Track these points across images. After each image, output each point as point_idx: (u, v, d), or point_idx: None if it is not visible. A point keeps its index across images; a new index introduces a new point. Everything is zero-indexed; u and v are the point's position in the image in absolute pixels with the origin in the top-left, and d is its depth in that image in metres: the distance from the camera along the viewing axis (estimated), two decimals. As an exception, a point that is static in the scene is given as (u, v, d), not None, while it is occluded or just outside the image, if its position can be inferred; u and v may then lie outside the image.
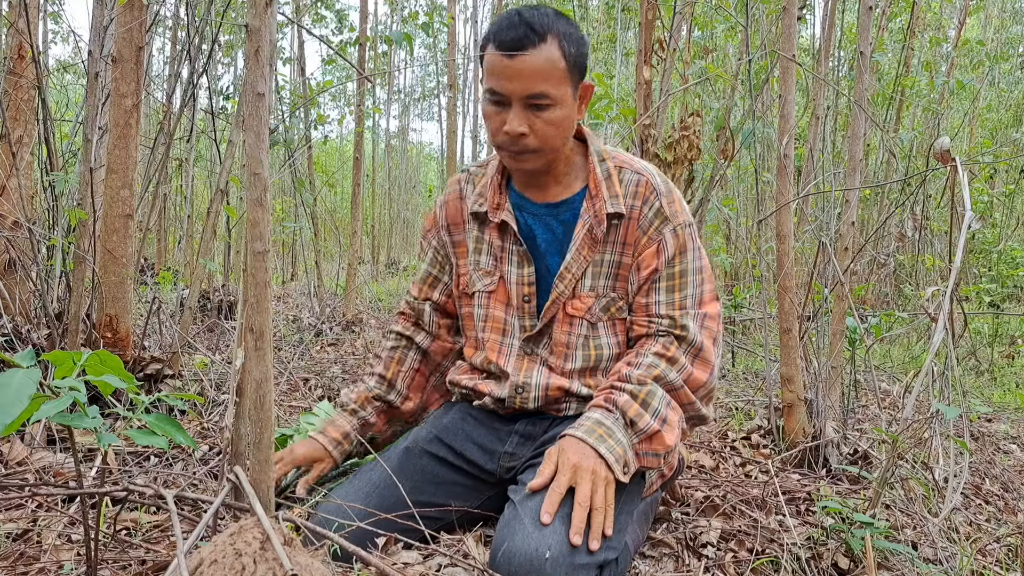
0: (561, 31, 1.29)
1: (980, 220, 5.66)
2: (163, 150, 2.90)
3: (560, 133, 1.34)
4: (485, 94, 1.33)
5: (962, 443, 1.57)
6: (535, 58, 1.27)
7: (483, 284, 1.49)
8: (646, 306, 1.39)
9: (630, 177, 1.40)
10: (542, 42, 1.27)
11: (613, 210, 1.37)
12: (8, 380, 0.78)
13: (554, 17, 1.30)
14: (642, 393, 1.31)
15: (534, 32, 1.26)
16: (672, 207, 1.39)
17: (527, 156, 1.34)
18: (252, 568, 0.74)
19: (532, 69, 1.27)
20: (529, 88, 1.28)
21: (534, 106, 1.30)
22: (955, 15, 7.35)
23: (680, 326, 1.37)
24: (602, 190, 1.39)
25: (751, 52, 2.97)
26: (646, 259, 1.39)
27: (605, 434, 1.26)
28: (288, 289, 6.61)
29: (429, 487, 1.39)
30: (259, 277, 0.96)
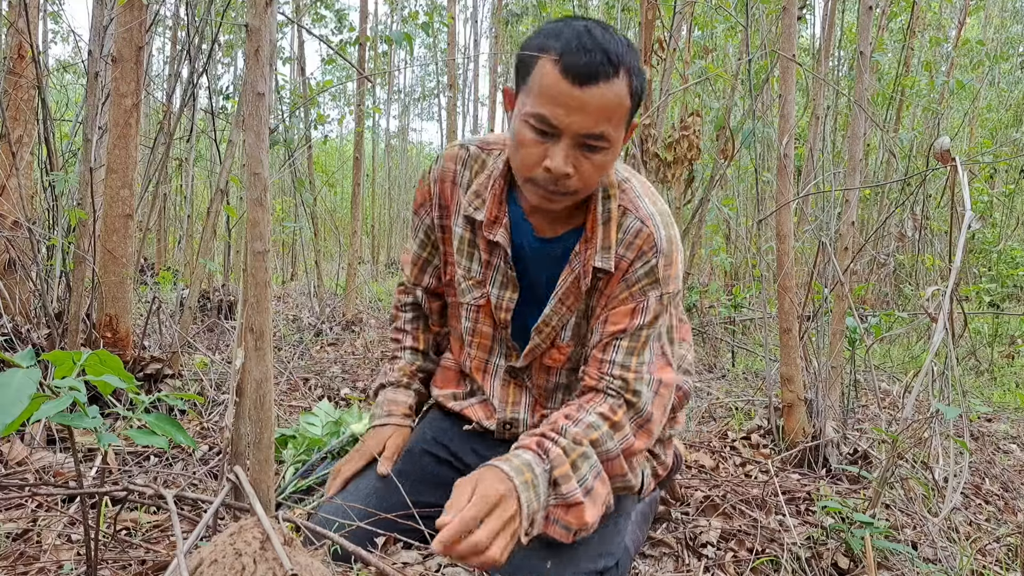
0: (632, 64, 1.12)
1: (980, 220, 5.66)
2: (163, 150, 2.90)
3: (601, 176, 1.18)
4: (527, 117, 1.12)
5: (962, 443, 1.57)
6: (606, 93, 1.08)
7: (472, 296, 1.36)
8: (601, 362, 1.25)
9: (631, 223, 1.24)
10: (615, 76, 1.08)
11: (600, 265, 1.23)
12: (8, 380, 0.78)
13: (626, 45, 1.12)
14: (574, 454, 1.16)
15: (610, 63, 1.07)
16: (667, 271, 1.24)
17: (562, 198, 1.17)
18: (252, 568, 0.74)
19: (600, 106, 1.08)
20: (590, 127, 1.09)
21: (587, 146, 1.12)
22: (955, 15, 7.35)
23: (633, 391, 1.23)
24: (596, 236, 1.24)
25: (751, 52, 2.97)
26: (617, 316, 1.24)
27: (531, 482, 1.10)
28: (288, 289, 6.60)
29: (429, 488, 1.39)
30: (259, 277, 0.96)
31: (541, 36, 1.13)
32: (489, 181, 1.31)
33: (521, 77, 1.16)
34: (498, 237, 1.28)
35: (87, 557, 1.00)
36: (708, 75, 3.55)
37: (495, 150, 1.34)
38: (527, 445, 1.16)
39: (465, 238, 1.34)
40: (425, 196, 1.40)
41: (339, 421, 1.86)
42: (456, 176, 1.35)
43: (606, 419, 1.21)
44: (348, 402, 2.53)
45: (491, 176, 1.31)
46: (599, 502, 1.18)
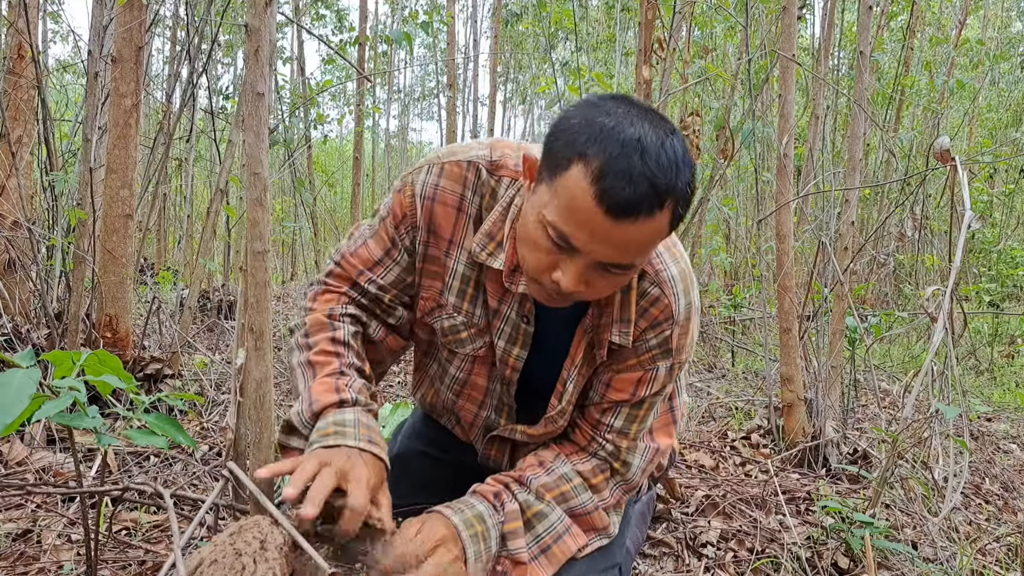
0: (680, 191, 0.91)
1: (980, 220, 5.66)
2: (163, 150, 2.90)
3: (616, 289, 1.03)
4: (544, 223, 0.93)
5: (962, 443, 1.57)
6: (642, 229, 0.90)
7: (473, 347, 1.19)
8: (597, 423, 1.17)
9: (649, 290, 1.10)
10: (659, 210, 0.89)
11: (618, 341, 1.10)
12: (8, 380, 0.78)
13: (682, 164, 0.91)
14: (532, 510, 1.09)
15: (656, 196, 0.88)
16: (682, 340, 1.12)
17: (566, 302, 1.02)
18: (252, 568, 0.74)
19: (632, 241, 0.91)
20: (616, 259, 0.93)
21: (606, 269, 0.95)
22: (955, 15, 7.35)
23: (623, 461, 1.16)
24: (613, 305, 1.10)
25: (751, 52, 2.97)
26: (623, 383, 1.14)
27: (481, 535, 1.04)
28: (288, 289, 6.60)
29: (426, 489, 1.39)
30: (259, 277, 0.96)
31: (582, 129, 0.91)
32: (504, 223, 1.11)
33: (548, 166, 0.94)
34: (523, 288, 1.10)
35: (87, 557, 1.00)
36: (708, 75, 3.55)
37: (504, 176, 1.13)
38: (484, 493, 1.10)
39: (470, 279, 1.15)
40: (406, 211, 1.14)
41: (339, 421, 1.86)
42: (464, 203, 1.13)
43: (585, 480, 1.15)
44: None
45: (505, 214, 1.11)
46: (554, 563, 1.10)
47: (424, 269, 1.17)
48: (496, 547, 1.05)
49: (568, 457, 1.15)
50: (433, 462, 1.41)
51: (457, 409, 1.28)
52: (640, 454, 1.17)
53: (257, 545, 0.76)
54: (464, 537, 1.02)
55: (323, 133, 5.98)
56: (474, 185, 1.12)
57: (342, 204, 10.60)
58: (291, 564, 0.78)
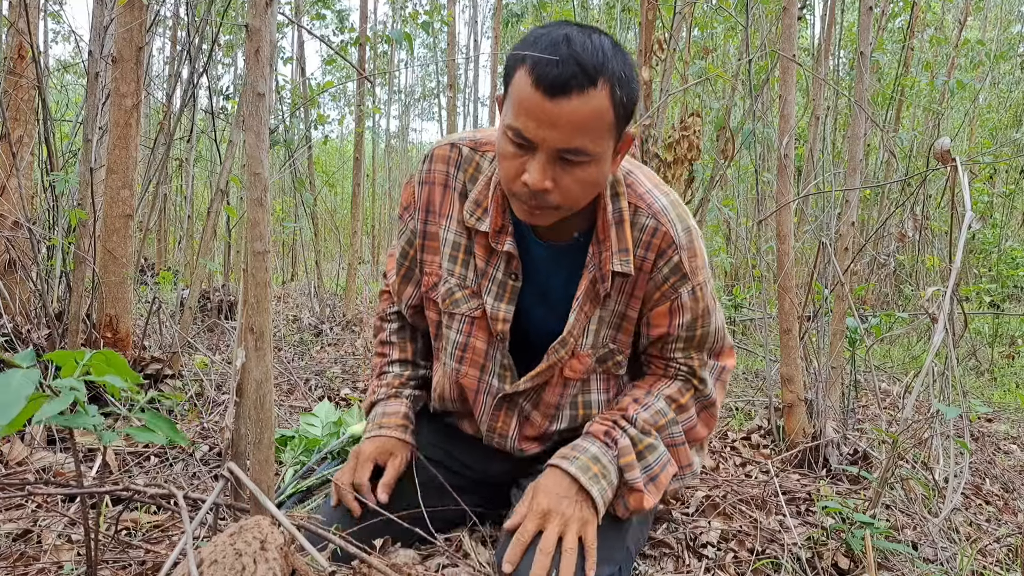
0: (615, 72, 1.02)
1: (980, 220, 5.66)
2: (163, 150, 2.90)
3: (588, 192, 1.10)
4: (505, 129, 1.06)
5: (962, 443, 1.57)
6: (580, 107, 1.00)
7: (468, 307, 1.27)
8: (662, 357, 1.29)
9: (645, 222, 1.19)
10: (591, 87, 0.99)
11: (619, 269, 1.18)
12: (8, 380, 0.78)
13: (611, 52, 1.03)
14: (642, 444, 1.22)
15: (585, 74, 0.99)
16: (693, 262, 1.21)
17: (544, 212, 1.10)
18: (252, 568, 0.74)
19: (573, 120, 1.00)
20: (565, 141, 1.02)
21: (565, 160, 1.04)
22: (956, 15, 7.35)
23: (699, 378, 1.28)
24: (611, 238, 1.18)
25: (751, 52, 2.97)
26: (657, 317, 1.24)
27: (600, 473, 1.18)
28: (288, 289, 6.60)
29: (423, 490, 1.38)
30: (259, 277, 0.96)
31: (523, 43, 1.06)
32: (488, 189, 1.23)
33: (505, 85, 1.08)
34: (507, 247, 1.21)
35: (87, 557, 1.00)
36: (708, 75, 3.55)
37: (488, 151, 1.26)
38: (595, 434, 1.23)
39: (460, 244, 1.26)
40: (409, 199, 1.33)
41: (339, 422, 1.86)
42: (449, 179, 1.27)
43: (673, 402, 1.27)
44: (348, 402, 2.53)
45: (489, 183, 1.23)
46: (660, 489, 1.24)
47: (425, 246, 1.31)
48: (617, 479, 1.20)
49: (654, 388, 1.28)
50: (433, 464, 1.42)
51: (461, 379, 1.33)
52: (710, 371, 1.30)
53: (257, 545, 0.76)
54: (584, 482, 1.16)
55: (324, 133, 5.99)
56: (457, 162, 1.26)
57: (342, 204, 10.60)
58: (291, 564, 0.78)
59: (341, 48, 4.88)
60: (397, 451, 1.33)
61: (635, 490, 1.21)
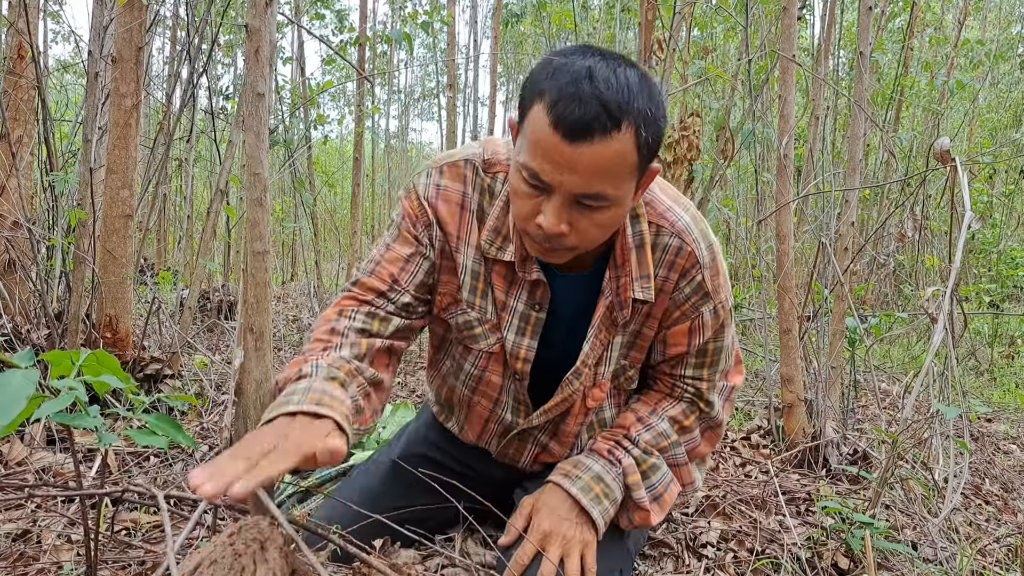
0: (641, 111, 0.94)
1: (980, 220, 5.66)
2: (163, 150, 2.90)
3: (606, 233, 1.03)
4: (519, 167, 0.98)
5: (962, 443, 1.57)
6: (602, 152, 0.92)
7: (487, 343, 1.20)
8: (672, 375, 1.26)
9: (669, 242, 1.13)
10: (615, 130, 0.92)
11: (640, 296, 1.13)
12: (7, 380, 0.78)
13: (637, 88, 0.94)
14: (646, 464, 1.21)
15: (609, 115, 0.91)
16: (715, 281, 1.16)
17: (559, 253, 1.03)
18: (252, 568, 0.74)
19: (594, 165, 0.92)
20: (584, 187, 0.94)
21: (583, 205, 0.97)
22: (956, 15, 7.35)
23: (706, 401, 1.25)
24: (631, 263, 1.12)
25: (751, 52, 2.97)
26: (676, 336, 1.19)
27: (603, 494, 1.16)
28: (288, 289, 6.60)
29: (423, 491, 1.38)
30: (259, 277, 0.96)
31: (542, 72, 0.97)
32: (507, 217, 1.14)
33: (521, 115, 0.99)
34: (535, 275, 1.13)
35: (87, 557, 1.00)
36: (708, 75, 3.55)
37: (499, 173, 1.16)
38: (599, 452, 1.21)
39: (479, 273, 1.17)
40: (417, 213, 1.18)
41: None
42: (466, 200, 1.16)
43: (676, 423, 1.24)
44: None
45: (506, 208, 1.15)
46: (664, 508, 1.22)
47: (442, 266, 1.19)
48: (621, 496, 1.19)
49: (658, 406, 1.25)
50: (434, 465, 1.41)
51: (474, 405, 1.30)
52: (719, 393, 1.27)
53: (257, 546, 0.76)
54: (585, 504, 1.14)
55: (323, 134, 5.98)
56: (473, 182, 1.16)
57: (342, 204, 10.60)
58: (291, 564, 0.78)
59: (341, 48, 4.88)
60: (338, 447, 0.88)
61: (641, 509, 1.20)
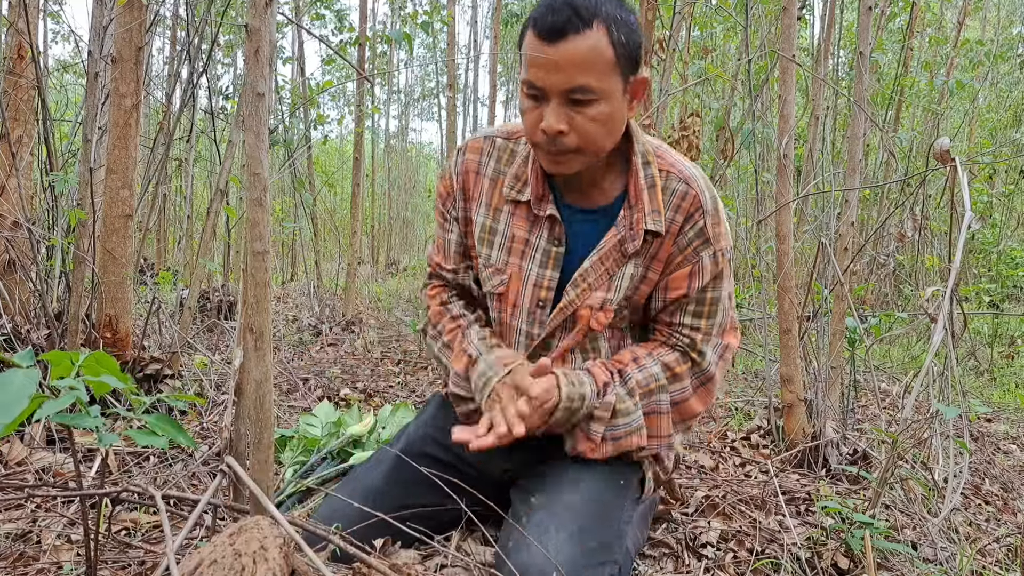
0: (610, 15, 1.12)
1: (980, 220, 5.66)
2: (163, 150, 2.90)
3: (605, 132, 1.17)
4: (521, 86, 1.17)
5: (962, 443, 1.57)
6: (579, 46, 1.10)
7: (492, 284, 1.35)
8: (670, 324, 1.33)
9: (676, 186, 1.26)
10: (587, 28, 1.10)
11: (652, 228, 1.25)
12: (8, 380, 0.78)
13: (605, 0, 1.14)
14: (619, 406, 1.28)
15: (578, 16, 1.10)
16: (716, 229, 1.27)
17: (566, 157, 1.18)
18: (252, 568, 0.74)
19: (574, 59, 1.10)
20: (570, 81, 1.11)
21: (575, 101, 1.13)
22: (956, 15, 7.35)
23: (699, 351, 1.31)
24: (643, 200, 1.25)
25: (751, 52, 2.97)
26: (677, 280, 1.28)
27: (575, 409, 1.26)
28: (288, 289, 6.60)
29: (424, 489, 1.38)
30: (259, 277, 0.96)
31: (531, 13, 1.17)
32: (528, 164, 1.31)
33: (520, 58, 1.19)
34: (549, 211, 1.29)
35: (87, 557, 1.00)
36: (708, 75, 3.55)
37: (520, 137, 1.34)
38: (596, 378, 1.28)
39: (486, 226, 1.35)
40: (448, 190, 1.40)
41: (339, 422, 1.86)
42: (481, 167, 1.36)
43: (668, 369, 1.31)
44: (348, 403, 2.53)
45: (527, 160, 1.31)
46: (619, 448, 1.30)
47: (467, 232, 1.40)
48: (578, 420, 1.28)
49: (655, 351, 1.33)
50: (435, 463, 1.42)
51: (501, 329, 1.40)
52: (712, 348, 1.33)
53: (257, 545, 0.76)
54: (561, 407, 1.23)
55: (323, 134, 5.98)
56: (488, 151, 1.35)
57: (342, 204, 10.59)
58: (291, 564, 0.78)
59: (340, 48, 4.88)
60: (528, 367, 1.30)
61: (589, 440, 1.28)
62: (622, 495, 1.31)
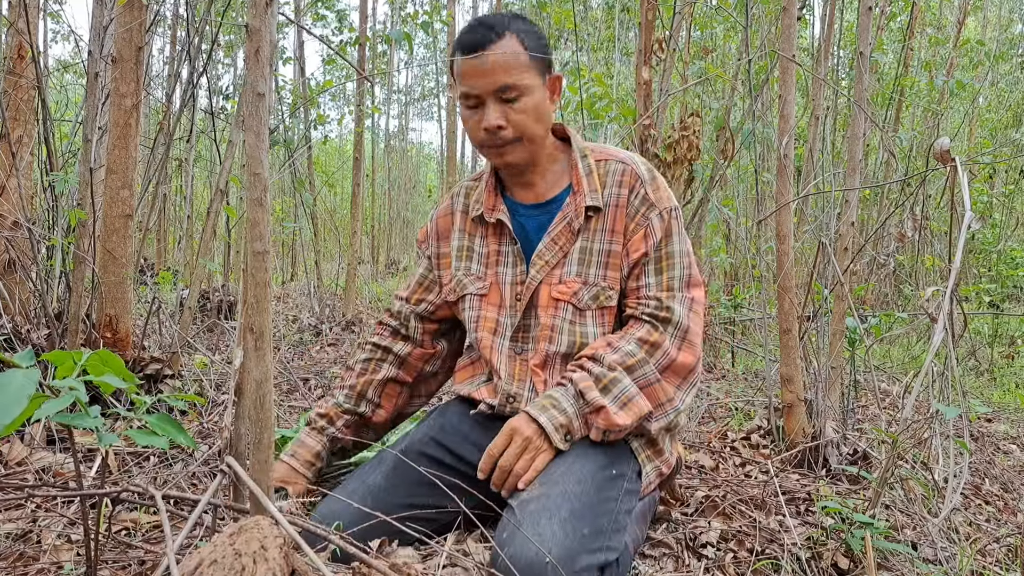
0: (518, 28, 1.38)
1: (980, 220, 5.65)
2: (163, 150, 2.90)
3: (535, 121, 1.40)
4: (460, 101, 1.41)
5: (962, 443, 1.57)
6: (496, 53, 1.34)
7: (475, 288, 1.53)
8: (636, 289, 1.43)
9: (614, 167, 1.46)
10: (500, 38, 1.35)
11: (591, 203, 1.43)
12: (8, 380, 0.78)
13: (511, 17, 1.40)
14: (606, 379, 1.34)
15: (491, 30, 1.35)
16: (657, 193, 1.44)
17: (510, 147, 1.40)
18: (252, 568, 0.74)
19: (495, 64, 1.34)
20: (496, 81, 1.35)
21: (505, 100, 1.37)
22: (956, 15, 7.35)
23: (666, 307, 1.40)
24: (583, 185, 1.45)
25: (751, 52, 2.97)
26: (634, 244, 1.43)
27: (550, 405, 1.34)
28: (288, 289, 6.60)
29: (424, 489, 1.39)
30: (259, 277, 0.96)
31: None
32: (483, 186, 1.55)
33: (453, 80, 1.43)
34: (499, 216, 1.49)
35: (87, 557, 1.00)
36: (708, 75, 3.55)
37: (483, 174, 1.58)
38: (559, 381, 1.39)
39: (464, 246, 1.57)
40: (425, 234, 1.64)
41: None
42: (452, 206, 1.61)
43: (644, 343, 1.38)
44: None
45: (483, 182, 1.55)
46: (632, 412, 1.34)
47: (440, 264, 1.60)
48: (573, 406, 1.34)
49: (627, 333, 1.41)
50: (435, 464, 1.42)
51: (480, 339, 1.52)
52: (679, 302, 1.42)
53: (257, 545, 0.76)
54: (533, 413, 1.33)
55: (323, 134, 5.98)
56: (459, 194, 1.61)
57: (342, 204, 10.60)
58: (291, 564, 0.78)
59: (340, 48, 4.88)
60: (296, 482, 1.49)
61: (599, 408, 1.32)
62: (617, 484, 1.32)
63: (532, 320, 1.48)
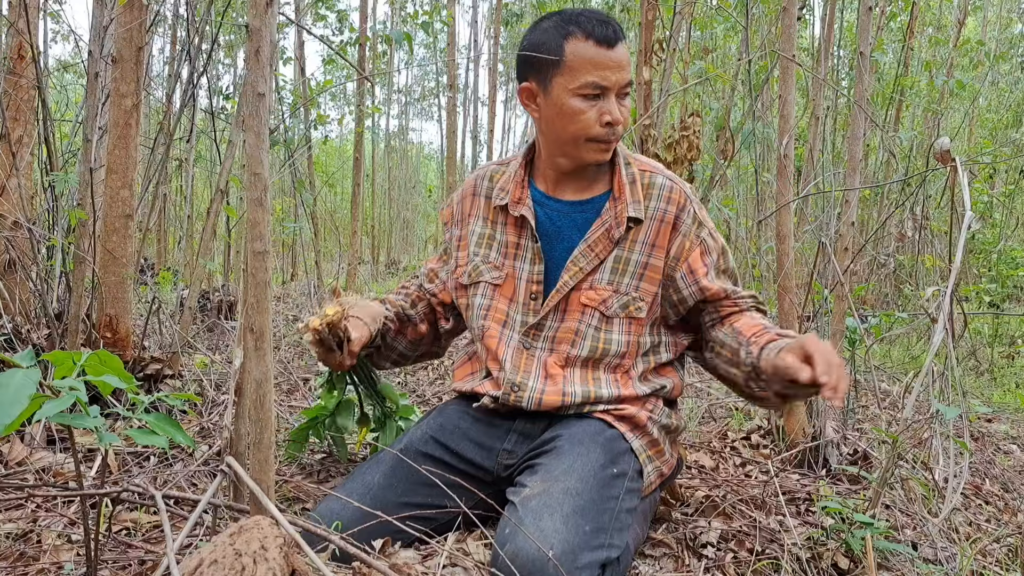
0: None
1: (980, 220, 5.66)
2: (163, 150, 2.90)
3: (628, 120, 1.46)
4: (577, 91, 1.37)
5: (962, 443, 1.57)
6: (624, 51, 1.38)
7: (491, 276, 1.53)
8: (725, 294, 1.47)
9: (660, 182, 1.47)
10: (624, 38, 1.40)
11: (633, 214, 1.43)
12: (8, 380, 0.78)
13: None
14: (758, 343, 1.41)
15: (619, 27, 1.39)
16: (701, 212, 1.50)
17: (613, 144, 1.43)
18: (252, 568, 0.74)
19: (624, 62, 1.38)
20: (624, 78, 1.38)
21: (623, 95, 1.40)
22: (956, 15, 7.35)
23: (760, 301, 1.52)
24: (625, 193, 1.45)
25: (751, 52, 2.97)
26: (695, 262, 1.46)
27: None
28: (288, 289, 6.60)
29: (424, 488, 1.39)
30: (259, 277, 0.96)
31: (543, 34, 1.39)
32: (511, 175, 1.54)
33: (540, 69, 1.40)
34: (522, 211, 1.48)
35: (87, 557, 1.00)
36: (708, 75, 3.55)
37: (511, 161, 1.58)
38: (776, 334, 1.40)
39: (484, 233, 1.55)
40: (449, 215, 1.65)
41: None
42: (476, 188, 1.59)
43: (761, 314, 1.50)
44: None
45: (512, 172, 1.54)
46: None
47: (459, 245, 1.60)
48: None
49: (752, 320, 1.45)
50: (435, 463, 1.42)
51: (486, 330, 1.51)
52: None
53: (257, 545, 0.76)
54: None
55: (323, 134, 5.98)
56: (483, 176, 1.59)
57: (342, 204, 10.60)
58: (291, 564, 0.78)
59: (341, 48, 4.88)
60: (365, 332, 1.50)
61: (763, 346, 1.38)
62: (619, 482, 1.32)
63: (550, 321, 1.47)
